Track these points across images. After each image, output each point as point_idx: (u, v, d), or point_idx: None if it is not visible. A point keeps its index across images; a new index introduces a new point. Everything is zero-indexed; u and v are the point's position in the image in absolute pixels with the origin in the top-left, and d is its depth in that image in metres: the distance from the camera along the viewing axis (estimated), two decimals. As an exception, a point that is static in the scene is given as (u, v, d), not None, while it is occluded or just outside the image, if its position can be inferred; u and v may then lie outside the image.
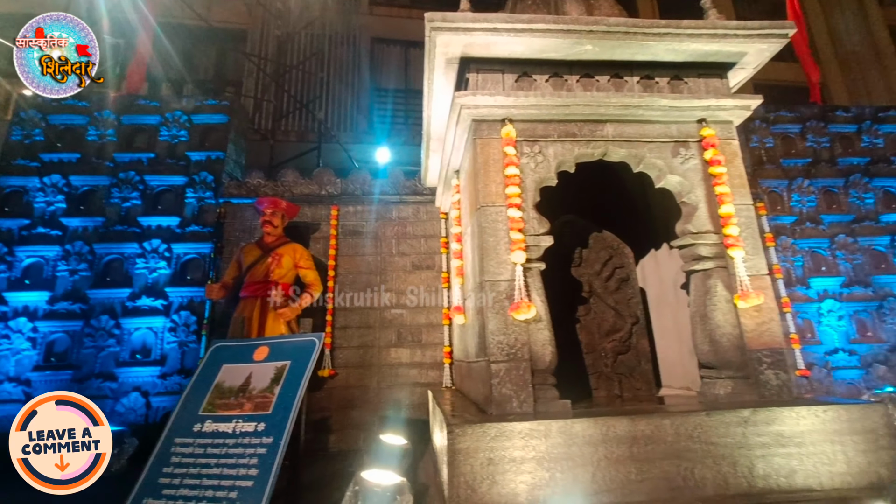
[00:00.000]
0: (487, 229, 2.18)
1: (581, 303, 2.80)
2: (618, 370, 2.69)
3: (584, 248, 2.90)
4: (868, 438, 1.82)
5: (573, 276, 2.85)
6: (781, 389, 2.07)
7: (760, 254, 2.27)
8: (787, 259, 5.05)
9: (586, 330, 2.76)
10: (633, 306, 2.79)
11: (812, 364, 4.77)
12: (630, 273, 2.85)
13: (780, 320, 4.85)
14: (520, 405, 1.95)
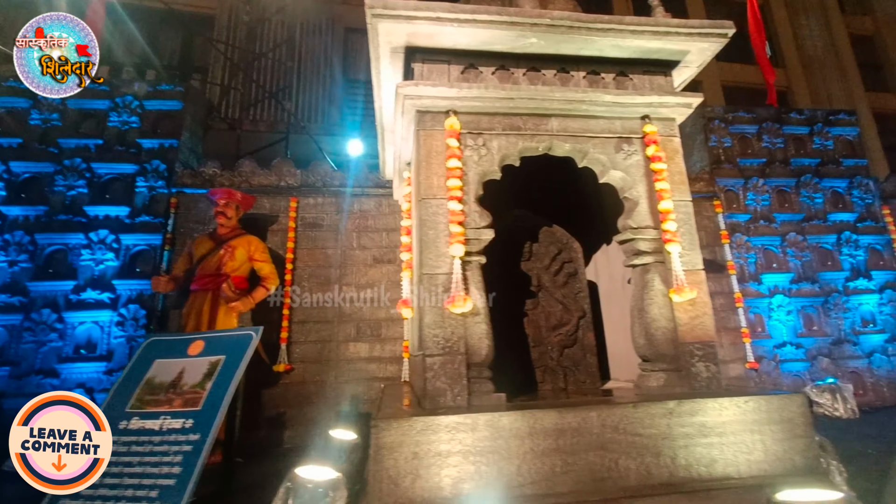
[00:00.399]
0: (427, 222, 2.15)
1: (530, 297, 2.81)
2: (563, 363, 2.72)
3: (535, 243, 2.91)
4: (785, 427, 1.88)
5: (523, 271, 2.86)
6: (711, 381, 2.13)
7: (696, 249, 2.32)
8: (741, 256, 5.21)
9: (534, 324, 2.78)
10: (580, 300, 2.82)
11: (762, 357, 4.94)
12: (578, 267, 2.88)
13: (733, 314, 5.03)
14: (454, 399, 1.94)
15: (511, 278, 2.85)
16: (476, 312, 2.08)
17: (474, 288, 2.11)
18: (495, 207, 2.93)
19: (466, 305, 1.99)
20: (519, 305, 2.80)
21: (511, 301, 2.81)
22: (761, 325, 5.03)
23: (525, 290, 2.83)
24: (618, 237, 2.44)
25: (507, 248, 2.89)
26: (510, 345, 2.72)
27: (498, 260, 2.86)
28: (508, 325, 2.77)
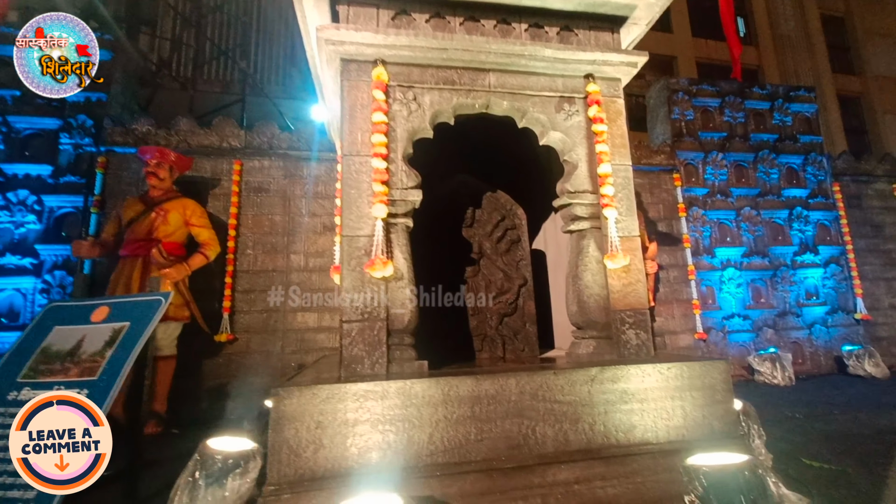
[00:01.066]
0: (350, 180, 2.00)
1: (470, 264, 2.72)
2: (502, 332, 2.66)
3: (478, 209, 2.80)
4: (706, 394, 1.87)
5: (464, 238, 2.75)
6: (640, 349, 2.10)
7: (633, 216, 2.25)
8: (697, 229, 5.26)
9: (474, 292, 2.69)
10: (522, 268, 2.74)
11: (710, 328, 5.07)
12: (521, 235, 2.79)
13: (685, 286, 5.10)
14: (371, 366, 1.84)
15: (452, 245, 2.74)
16: (399, 277, 1.97)
17: (399, 252, 1.99)
18: (437, 172, 2.79)
19: (387, 269, 1.87)
20: (460, 273, 2.71)
21: (452, 268, 2.71)
22: (712, 298, 5.14)
23: (467, 258, 2.73)
24: (556, 202, 2.35)
25: (449, 214, 2.77)
26: (449, 313, 2.64)
27: (439, 226, 2.74)
28: (448, 292, 2.68)
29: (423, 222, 2.68)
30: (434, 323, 2.50)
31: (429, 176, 2.56)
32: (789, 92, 5.89)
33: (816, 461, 2.24)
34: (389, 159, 2.03)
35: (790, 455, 2.32)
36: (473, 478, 1.61)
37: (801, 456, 2.32)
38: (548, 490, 1.62)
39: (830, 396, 3.94)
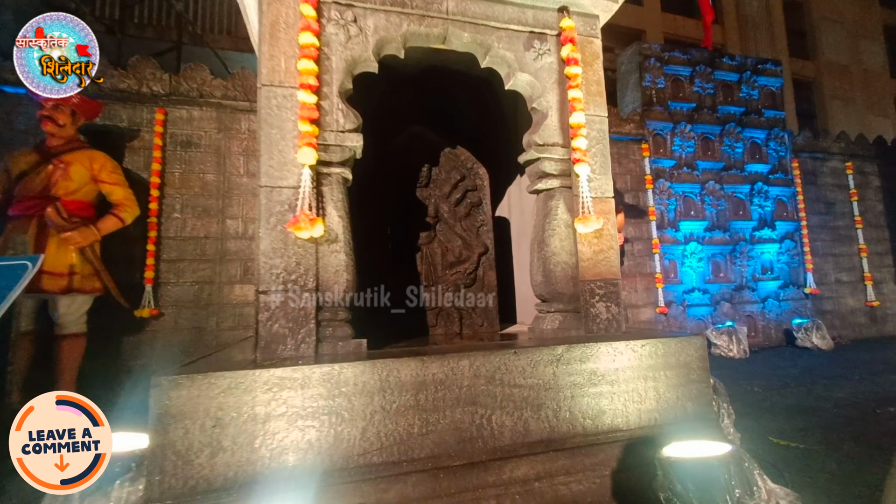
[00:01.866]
0: (269, 118, 1.60)
1: (425, 229, 2.39)
2: (459, 306, 2.38)
3: (434, 167, 2.45)
4: (681, 372, 1.67)
5: (418, 199, 2.41)
6: (611, 324, 1.87)
7: (608, 174, 1.98)
8: (663, 202, 5.15)
9: (428, 260, 2.38)
10: (482, 235, 2.45)
11: (671, 302, 5.04)
12: (483, 197, 2.48)
13: (649, 260, 5.02)
14: (296, 346, 1.51)
15: (405, 207, 2.40)
16: (333, 239, 1.62)
17: (333, 209, 1.63)
18: (388, 122, 2.41)
19: (315, 229, 1.52)
20: (413, 239, 2.38)
21: (404, 233, 2.38)
22: (674, 272, 5.09)
23: (421, 222, 2.40)
24: (522, 156, 2.04)
25: (401, 171, 2.41)
26: (400, 284, 2.32)
27: (389, 185, 2.39)
28: (399, 260, 2.36)
29: (369, 178, 2.32)
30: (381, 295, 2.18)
31: (378, 126, 2.18)
32: (757, 65, 5.81)
33: (783, 440, 2.14)
34: (321, 94, 1.64)
35: (757, 433, 2.21)
36: (416, 479, 1.34)
37: (768, 434, 2.22)
38: (503, 490, 1.38)
39: (783, 368, 3.99)
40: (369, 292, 1.96)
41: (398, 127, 2.45)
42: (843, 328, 5.69)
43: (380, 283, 1.97)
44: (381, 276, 2.11)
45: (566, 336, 1.82)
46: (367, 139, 1.73)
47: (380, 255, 2.32)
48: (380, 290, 1.96)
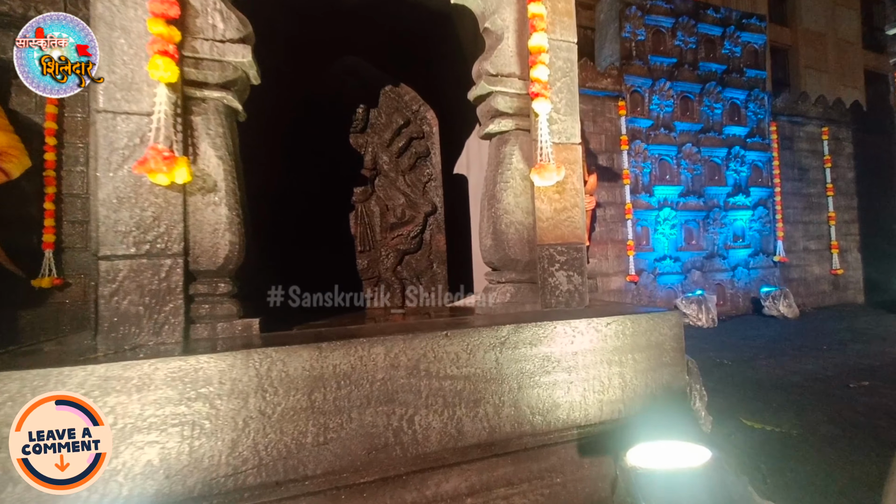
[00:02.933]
0: (107, 14, 1.15)
1: (361, 184, 2.00)
2: (402, 275, 2.03)
3: (372, 108, 2.03)
4: (652, 355, 1.38)
5: (352, 146, 2.00)
6: (572, 296, 1.56)
7: (575, 116, 1.62)
8: (638, 165, 4.86)
9: (364, 221, 2.00)
10: (430, 192, 2.07)
11: (642, 270, 4.84)
12: (431, 147, 2.09)
13: (621, 226, 4.77)
14: (155, 330, 1.13)
15: (335, 157, 1.98)
16: (210, 188, 1.21)
17: (209, 147, 1.22)
18: (314, 52, 1.95)
19: (177, 173, 1.10)
20: (345, 195, 1.98)
21: (333, 188, 1.98)
22: (646, 238, 4.88)
23: (356, 175, 1.99)
24: (471, 91, 1.64)
25: (330, 113, 1.98)
26: (330, 248, 1.94)
27: (316, 128, 1.96)
28: (326, 220, 1.97)
29: (284, 118, 1.89)
30: (302, 263, 1.80)
31: (307, 59, 1.73)
32: (742, 19, 5.45)
33: (758, 422, 1.93)
34: (186, -15, 1.19)
35: (728, 414, 2.00)
36: (308, 502, 1.01)
37: (740, 415, 2.01)
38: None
39: (752, 338, 3.87)
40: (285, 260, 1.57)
41: (326, 57, 1.99)
42: (807, 296, 5.68)
43: (301, 247, 1.59)
44: (303, 239, 1.72)
45: (518, 313, 1.50)
46: (293, 73, 1.30)
47: (302, 212, 1.92)
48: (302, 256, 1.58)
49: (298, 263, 1.79)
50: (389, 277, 2.00)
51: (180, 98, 1.17)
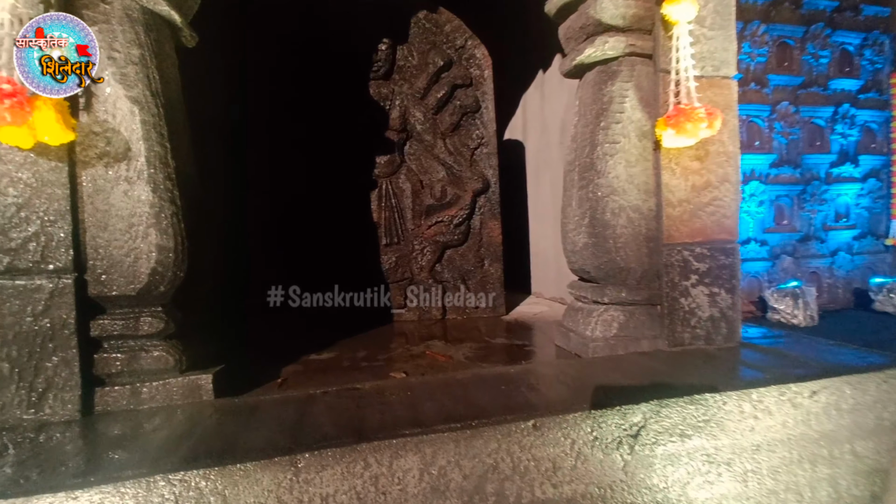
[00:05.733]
0: None
1: (386, 152, 1.45)
2: (442, 276, 1.49)
3: (401, 45, 1.45)
4: (883, 445, 0.79)
5: (372, 98, 1.44)
6: (717, 327, 0.97)
7: (729, 30, 0.99)
8: (720, 129, 4.02)
9: (391, 203, 1.46)
10: (480, 161, 1.50)
11: (720, 256, 4.07)
12: (482, 98, 1.50)
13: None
14: (33, 403, 0.65)
15: (345, 112, 1.44)
16: (119, 154, 0.70)
17: (115, 81, 0.70)
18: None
19: (42, 126, 0.59)
20: (364, 167, 1.44)
21: (344, 157, 1.44)
22: (727, 218, 4.09)
23: (376, 138, 1.44)
24: (550, 3, 1.03)
25: (343, 50, 1.42)
26: (342, 240, 1.42)
27: (323, 74, 1.41)
28: (336, 203, 1.44)
29: (268, 58, 1.36)
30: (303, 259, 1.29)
31: None
32: (861, -59, 4.35)
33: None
34: None
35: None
36: None
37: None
38: None
39: (872, 343, 3.11)
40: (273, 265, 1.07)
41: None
42: (922, 287, 4.71)
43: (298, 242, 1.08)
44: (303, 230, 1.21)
45: (635, 360, 0.93)
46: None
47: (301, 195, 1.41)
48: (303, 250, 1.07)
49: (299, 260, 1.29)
50: (425, 279, 1.47)
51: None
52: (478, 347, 1.10)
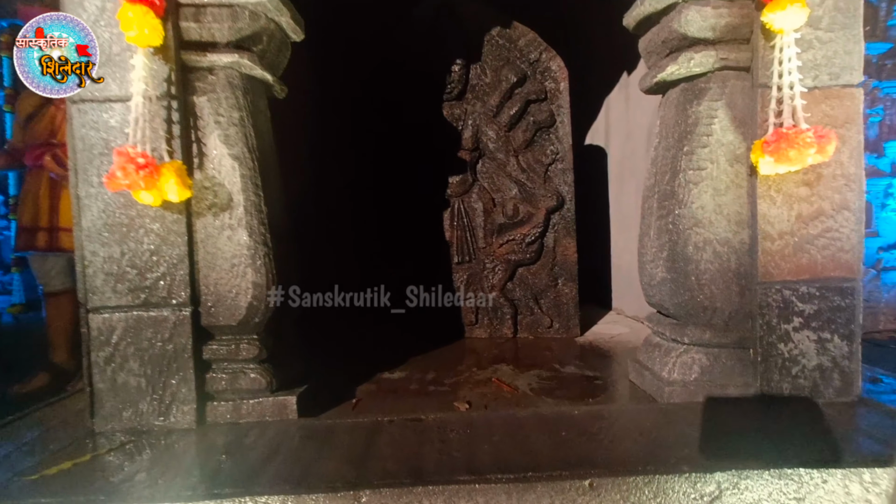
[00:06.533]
0: (77, -46, 0.78)
1: (458, 170, 1.47)
2: (514, 295, 1.49)
3: (474, 63, 1.46)
4: None
5: (445, 119, 1.47)
6: (826, 378, 0.85)
7: (855, 28, 0.84)
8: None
9: (462, 221, 1.49)
10: (554, 177, 1.45)
11: (855, 262, 3.46)
12: (557, 112, 1.44)
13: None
14: (161, 410, 0.80)
15: (420, 133, 1.49)
16: (223, 204, 0.82)
17: (220, 142, 0.81)
18: None
19: (166, 187, 0.72)
20: (437, 186, 1.49)
21: (418, 177, 1.50)
22: (868, 219, 3.45)
23: (448, 158, 1.47)
24: (632, 11, 0.96)
25: (417, 72, 1.47)
26: (416, 257, 1.49)
27: (395, 96, 1.48)
28: (410, 221, 1.51)
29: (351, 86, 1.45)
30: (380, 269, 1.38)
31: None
32: None
33: None
34: None
35: None
36: None
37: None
38: None
39: None
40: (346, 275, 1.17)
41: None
42: None
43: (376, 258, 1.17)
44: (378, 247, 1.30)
45: (718, 411, 0.84)
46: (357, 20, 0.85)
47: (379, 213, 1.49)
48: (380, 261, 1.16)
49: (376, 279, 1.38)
50: (496, 298, 1.48)
51: (175, 70, 0.78)
52: (545, 377, 1.09)
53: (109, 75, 0.79)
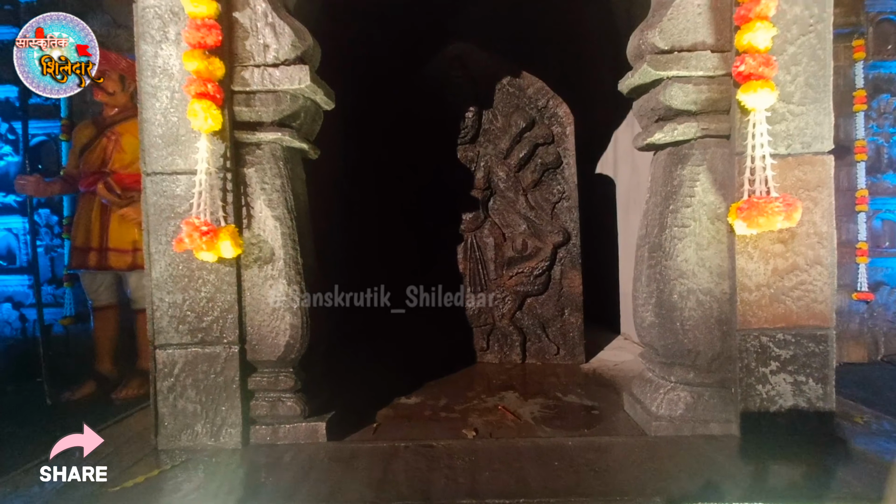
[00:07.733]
0: (148, 55, 0.95)
1: (471, 208, 1.60)
2: (522, 324, 1.60)
3: (486, 109, 1.59)
4: None
5: (459, 161, 1.60)
6: (803, 418, 0.92)
7: (824, 103, 0.93)
8: (882, 131, 3.37)
9: (475, 255, 1.61)
10: (560, 214, 1.56)
11: (880, 284, 3.42)
12: (564, 154, 1.56)
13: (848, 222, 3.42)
14: (213, 433, 0.95)
15: (438, 175, 1.62)
16: (267, 258, 0.97)
17: (265, 206, 0.96)
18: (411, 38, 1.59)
19: (221, 246, 0.87)
20: (452, 223, 1.62)
21: (435, 214, 1.63)
22: (890, 238, 3.40)
23: (461, 197, 1.60)
24: (625, 80, 1.07)
25: (433, 118, 1.61)
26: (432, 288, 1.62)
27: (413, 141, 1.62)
28: (429, 255, 1.64)
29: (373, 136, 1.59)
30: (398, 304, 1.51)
31: (392, 48, 1.40)
32: None
33: None
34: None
35: None
36: None
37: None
38: None
39: None
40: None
41: (429, 50, 1.61)
42: None
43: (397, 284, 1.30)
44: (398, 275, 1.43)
45: (699, 447, 0.94)
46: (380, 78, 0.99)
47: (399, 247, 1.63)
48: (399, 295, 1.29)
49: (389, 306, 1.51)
50: (506, 326, 1.59)
51: (230, 147, 0.94)
52: (547, 405, 1.19)
53: (177, 153, 0.95)
